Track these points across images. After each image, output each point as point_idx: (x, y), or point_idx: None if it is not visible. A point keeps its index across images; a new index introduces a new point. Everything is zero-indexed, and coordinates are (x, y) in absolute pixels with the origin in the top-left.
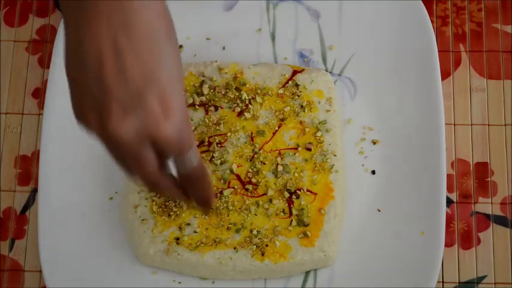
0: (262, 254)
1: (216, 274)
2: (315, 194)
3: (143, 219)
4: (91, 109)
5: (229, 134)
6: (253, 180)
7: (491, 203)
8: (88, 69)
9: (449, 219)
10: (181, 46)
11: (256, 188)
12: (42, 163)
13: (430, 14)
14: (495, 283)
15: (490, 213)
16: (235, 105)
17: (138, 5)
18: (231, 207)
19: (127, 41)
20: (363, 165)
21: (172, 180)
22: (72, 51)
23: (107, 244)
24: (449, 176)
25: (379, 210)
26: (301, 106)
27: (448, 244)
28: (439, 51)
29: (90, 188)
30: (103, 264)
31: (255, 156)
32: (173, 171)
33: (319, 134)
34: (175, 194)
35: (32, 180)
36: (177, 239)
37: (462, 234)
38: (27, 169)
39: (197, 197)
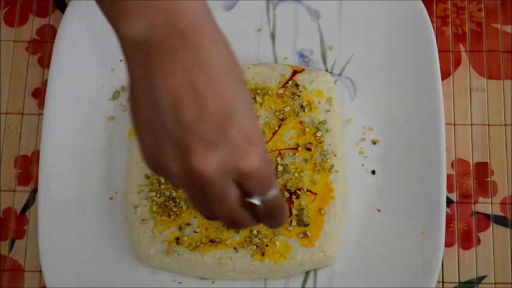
0: (262, 254)
1: (216, 274)
2: (315, 194)
3: (143, 219)
4: (169, 150)
5: None
6: None
7: (491, 203)
8: (164, 109)
9: (449, 219)
10: None
11: None
12: (42, 163)
13: (430, 14)
14: (495, 283)
15: (490, 213)
16: None
17: (209, 43)
18: None
19: (202, 78)
20: (363, 165)
21: (251, 214)
22: (142, 92)
23: (107, 244)
24: (449, 176)
25: (379, 210)
26: (301, 106)
27: (448, 244)
28: (439, 51)
29: (90, 188)
30: (103, 264)
31: None
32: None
33: (319, 134)
34: (251, 225)
35: (32, 180)
36: (177, 239)
37: (462, 234)
38: (27, 169)
39: (272, 226)
